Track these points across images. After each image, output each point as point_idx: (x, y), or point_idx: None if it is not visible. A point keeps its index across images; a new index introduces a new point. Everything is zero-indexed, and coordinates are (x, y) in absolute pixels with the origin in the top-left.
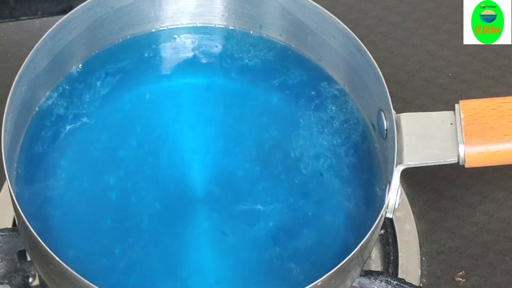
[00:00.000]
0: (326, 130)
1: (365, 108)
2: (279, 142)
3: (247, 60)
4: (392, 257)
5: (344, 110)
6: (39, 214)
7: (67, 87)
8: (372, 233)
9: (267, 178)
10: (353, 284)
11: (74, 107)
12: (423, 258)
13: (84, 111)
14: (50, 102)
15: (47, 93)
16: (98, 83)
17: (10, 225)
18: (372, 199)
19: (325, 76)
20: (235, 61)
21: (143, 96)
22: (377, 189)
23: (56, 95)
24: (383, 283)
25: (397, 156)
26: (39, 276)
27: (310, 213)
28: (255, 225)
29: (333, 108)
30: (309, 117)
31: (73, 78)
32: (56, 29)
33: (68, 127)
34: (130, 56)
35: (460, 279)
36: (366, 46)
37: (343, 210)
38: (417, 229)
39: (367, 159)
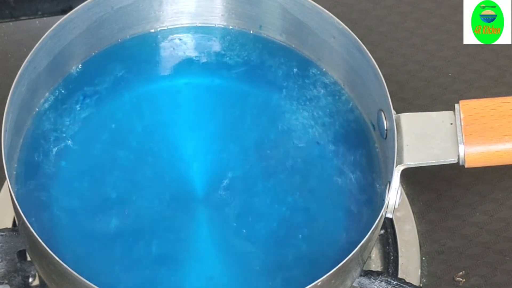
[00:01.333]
0: (326, 130)
1: (365, 108)
2: (278, 142)
3: (247, 60)
4: (392, 257)
5: (344, 110)
6: (39, 214)
7: (67, 87)
8: (372, 233)
9: (267, 178)
10: (353, 284)
11: (74, 107)
12: (423, 258)
13: (84, 111)
14: (50, 102)
15: (47, 93)
16: (98, 83)
17: (10, 225)
18: (372, 199)
19: (325, 76)
20: (235, 61)
21: (143, 96)
22: (377, 189)
23: (56, 95)
24: (383, 283)
25: (397, 156)
26: (39, 276)
27: (310, 213)
28: (255, 225)
29: (333, 108)
30: (309, 117)
31: (73, 78)
32: (56, 29)
33: (67, 127)
34: (130, 56)
35: (460, 279)
36: (366, 46)
37: (343, 210)
38: (417, 229)
39: (367, 159)
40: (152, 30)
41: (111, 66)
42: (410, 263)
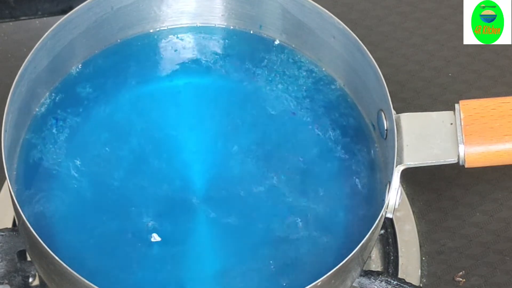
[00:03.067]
0: (326, 130)
1: (365, 108)
2: (279, 142)
3: (247, 60)
4: (392, 257)
5: (344, 110)
6: (39, 214)
7: (67, 87)
8: (372, 233)
9: (267, 178)
10: (353, 284)
11: (74, 107)
12: (423, 258)
13: (83, 112)
14: (50, 101)
15: (47, 93)
16: (98, 83)
17: (10, 225)
18: (372, 199)
19: (325, 76)
20: (235, 61)
21: (143, 96)
22: (377, 189)
23: (56, 94)
24: (383, 283)
25: (397, 156)
26: (39, 276)
27: (310, 213)
28: (255, 225)
29: (333, 108)
30: (309, 117)
31: (73, 78)
32: (56, 29)
33: (67, 128)
34: (130, 56)
35: (460, 279)
36: (366, 46)
37: (343, 210)
38: (417, 229)
39: (367, 159)
40: (152, 30)
41: (111, 66)
42: (410, 263)
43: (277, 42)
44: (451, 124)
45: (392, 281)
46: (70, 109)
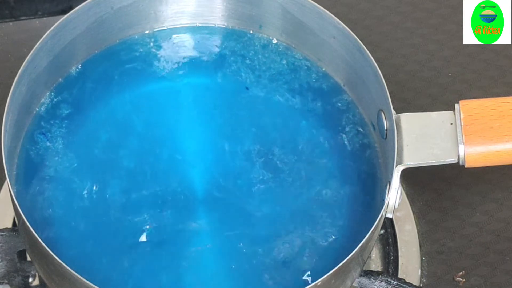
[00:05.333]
0: (326, 130)
1: (365, 108)
2: (279, 142)
3: (247, 60)
4: (392, 257)
5: (344, 110)
6: (39, 214)
7: (67, 87)
8: (372, 233)
9: (267, 178)
10: (353, 284)
11: (73, 107)
12: (423, 258)
13: (83, 112)
14: (50, 101)
15: (47, 93)
16: (98, 82)
17: (10, 225)
18: (372, 199)
19: (325, 76)
20: (235, 61)
21: (143, 96)
22: (377, 189)
23: (56, 94)
24: (383, 283)
25: (397, 156)
26: (39, 276)
27: (310, 213)
28: (255, 225)
29: (333, 108)
30: (309, 117)
31: (73, 78)
32: (56, 29)
33: (67, 128)
34: (130, 56)
35: (460, 279)
36: (366, 46)
37: (343, 210)
38: (417, 229)
39: (367, 159)
40: (152, 30)
41: (111, 66)
42: (410, 263)
43: (277, 42)
44: (451, 124)
45: (392, 281)
46: (70, 109)
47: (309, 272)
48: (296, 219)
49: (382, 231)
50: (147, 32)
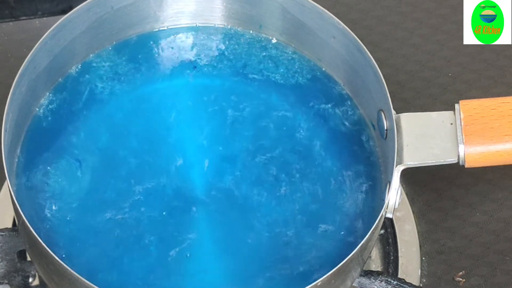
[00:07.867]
0: (326, 130)
1: (365, 108)
2: (279, 143)
3: (247, 60)
4: (392, 257)
5: (344, 110)
6: (39, 214)
7: (67, 87)
8: (372, 233)
9: (267, 179)
10: (353, 284)
11: (73, 107)
12: (423, 258)
13: (83, 112)
14: (50, 101)
15: (47, 93)
16: (98, 82)
17: (10, 225)
18: (372, 199)
19: (325, 76)
20: (235, 61)
21: (143, 96)
22: (377, 189)
23: (56, 94)
24: (383, 283)
25: (397, 156)
26: (39, 276)
27: (310, 213)
28: (255, 226)
29: (333, 108)
30: (309, 117)
31: (72, 78)
32: (56, 29)
33: (67, 128)
34: (129, 56)
35: (460, 279)
36: (366, 46)
37: (343, 210)
38: (417, 229)
39: (367, 159)
40: (152, 30)
41: (110, 66)
42: (410, 263)
43: (276, 42)
44: (451, 124)
45: (392, 281)
46: (70, 109)
47: (309, 273)
48: (295, 219)
49: (382, 231)
50: (147, 32)
